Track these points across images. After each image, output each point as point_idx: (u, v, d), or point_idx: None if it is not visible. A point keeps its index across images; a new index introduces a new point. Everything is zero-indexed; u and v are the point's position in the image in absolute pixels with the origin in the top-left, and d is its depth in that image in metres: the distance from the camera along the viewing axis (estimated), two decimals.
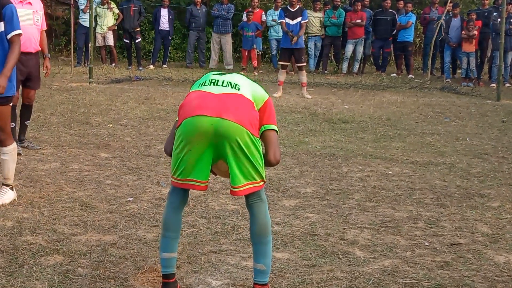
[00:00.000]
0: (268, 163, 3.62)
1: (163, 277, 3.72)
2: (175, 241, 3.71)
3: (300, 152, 7.79)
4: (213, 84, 3.55)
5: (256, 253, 3.67)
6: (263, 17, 18.41)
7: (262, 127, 3.63)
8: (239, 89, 3.53)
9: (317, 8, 18.36)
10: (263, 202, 3.64)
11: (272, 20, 18.03)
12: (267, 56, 20.81)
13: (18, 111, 7.52)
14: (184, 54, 20.17)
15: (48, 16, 22.05)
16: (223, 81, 3.56)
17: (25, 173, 6.46)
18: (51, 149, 7.62)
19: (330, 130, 9.37)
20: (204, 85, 3.57)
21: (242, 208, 5.40)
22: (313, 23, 18.05)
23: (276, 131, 3.69)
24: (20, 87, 7.36)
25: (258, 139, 3.53)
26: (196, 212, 5.31)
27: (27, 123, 7.75)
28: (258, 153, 3.50)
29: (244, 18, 18.27)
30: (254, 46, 17.95)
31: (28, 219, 5.03)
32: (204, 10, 18.60)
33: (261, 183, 3.57)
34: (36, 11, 7.18)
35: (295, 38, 12.76)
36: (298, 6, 13.36)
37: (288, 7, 13.46)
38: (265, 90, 3.79)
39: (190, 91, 3.66)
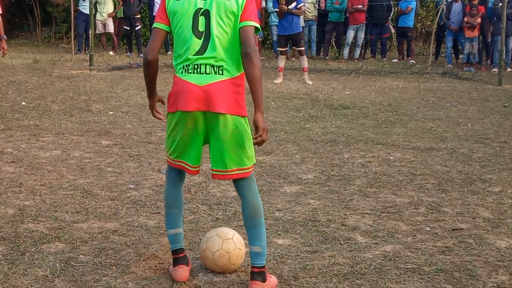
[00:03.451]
0: (245, 55, 3.53)
1: (172, 253, 3.84)
2: (179, 217, 3.86)
3: (301, 138, 7.78)
4: (197, 72, 3.55)
5: (251, 236, 3.71)
6: (263, 4, 18.33)
7: (243, 23, 3.57)
8: (222, 72, 3.54)
9: None
10: (253, 182, 3.77)
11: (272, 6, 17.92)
12: (268, 42, 20.75)
13: None
14: None
15: (48, 3, 22.10)
16: (206, 67, 3.54)
17: (26, 161, 6.46)
18: (52, 136, 7.61)
19: (331, 116, 9.36)
20: (187, 72, 3.57)
21: None
22: (307, 8, 17.88)
23: (256, 27, 3.62)
24: None
25: (246, 118, 3.62)
26: (197, 199, 5.31)
27: None
28: (248, 137, 3.62)
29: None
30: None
31: (30, 207, 5.03)
32: None
33: (251, 168, 3.72)
34: None
35: (282, 4, 12.42)
36: None
37: None
38: None
39: (176, 74, 3.65)
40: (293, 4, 12.71)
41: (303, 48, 13.29)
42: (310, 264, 4.02)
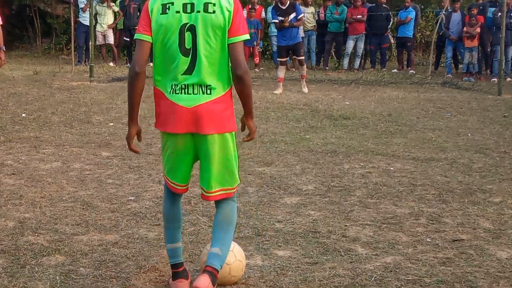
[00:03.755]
0: (236, 77, 3.50)
1: (171, 267, 3.81)
2: (177, 231, 3.82)
3: (301, 149, 7.78)
4: (185, 93, 3.49)
5: (215, 238, 3.67)
6: (263, 14, 18.38)
7: (232, 39, 3.49)
8: (210, 91, 3.49)
9: (309, 3, 18.32)
10: (234, 202, 3.77)
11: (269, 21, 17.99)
12: (267, 53, 20.78)
13: None
14: None
15: (48, 15, 22.15)
16: (194, 87, 3.48)
17: (26, 173, 6.46)
18: (52, 148, 7.62)
19: (331, 127, 9.36)
20: (175, 92, 3.50)
21: (244, 206, 5.40)
22: (307, 19, 17.91)
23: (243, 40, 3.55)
24: None
25: (233, 133, 3.62)
26: (197, 211, 5.31)
27: None
28: (233, 155, 3.63)
29: (245, 15, 18.22)
30: (256, 43, 17.91)
31: (30, 219, 5.03)
32: None
33: (235, 189, 3.71)
34: None
35: (286, 22, 12.50)
36: (288, 2, 12.85)
37: (278, 4, 12.95)
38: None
39: (163, 91, 3.55)
40: (293, 15, 12.72)
41: (303, 58, 13.30)
42: (310, 275, 4.01)
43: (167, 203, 3.82)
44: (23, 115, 9.78)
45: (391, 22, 18.59)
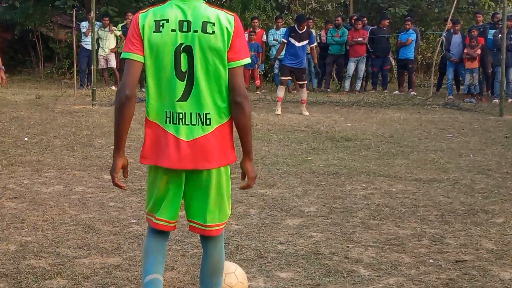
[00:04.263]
0: (235, 104, 3.22)
1: None
2: (159, 263, 3.39)
3: (303, 170, 7.78)
4: (182, 123, 3.19)
5: None
6: (264, 37, 18.47)
7: (232, 63, 3.22)
8: (210, 121, 3.20)
9: (310, 26, 18.41)
10: (222, 241, 3.48)
11: (274, 39, 18.06)
12: (269, 75, 20.85)
13: None
14: None
15: (51, 39, 22.27)
16: (192, 116, 3.19)
17: (28, 196, 6.47)
18: (54, 172, 7.62)
19: (333, 148, 9.37)
20: (171, 122, 3.20)
21: (246, 228, 5.39)
22: None
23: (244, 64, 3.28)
24: None
25: (228, 166, 3.35)
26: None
27: None
28: (228, 189, 3.36)
29: (246, 38, 18.30)
30: (257, 65, 17.99)
31: (32, 243, 5.02)
32: None
33: (224, 224, 3.42)
34: None
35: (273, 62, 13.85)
36: (306, 28, 13.07)
37: (296, 27, 13.10)
38: (228, 20, 3.25)
39: (155, 121, 3.28)
40: (305, 42, 12.84)
41: (305, 82, 13.39)
42: None
43: (150, 242, 3.42)
44: (26, 139, 9.80)
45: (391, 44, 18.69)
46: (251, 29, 18.27)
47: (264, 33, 18.60)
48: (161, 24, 3.16)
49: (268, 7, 21.22)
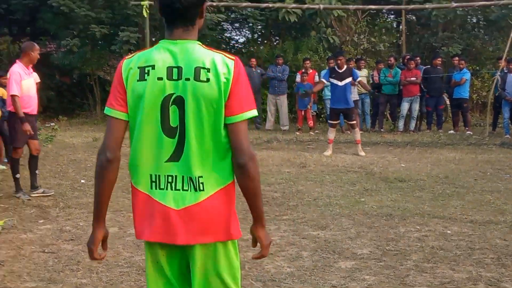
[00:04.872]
0: (238, 167, 2.68)
1: None
2: None
3: (356, 212, 7.73)
4: (171, 188, 2.68)
5: None
6: (316, 78, 18.56)
7: (232, 117, 2.67)
8: (203, 187, 2.66)
9: (362, 66, 18.44)
10: None
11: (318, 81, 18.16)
12: (322, 116, 20.88)
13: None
14: None
15: (108, 83, 22.78)
16: (183, 180, 2.67)
17: (84, 239, 6.58)
18: (109, 213, 7.74)
19: (386, 189, 9.29)
20: (158, 187, 2.70)
21: (298, 270, 5.38)
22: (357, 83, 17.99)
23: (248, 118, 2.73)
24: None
25: (236, 242, 2.80)
26: (251, 275, 5.31)
27: (37, 172, 8.94)
28: (236, 273, 2.78)
29: (298, 79, 18.45)
30: (309, 106, 18.05)
31: (87, 285, 5.10)
32: (258, 71, 18.83)
33: None
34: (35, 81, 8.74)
35: (306, 95, 14.72)
36: (346, 67, 13.15)
37: (335, 68, 13.21)
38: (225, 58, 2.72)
39: (138, 187, 2.79)
40: (348, 80, 12.89)
41: (355, 122, 13.36)
42: None
43: None
44: (82, 181, 10.00)
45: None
46: (303, 70, 18.38)
47: (316, 73, 18.69)
48: (146, 71, 2.66)
49: (320, 48, 21.33)
